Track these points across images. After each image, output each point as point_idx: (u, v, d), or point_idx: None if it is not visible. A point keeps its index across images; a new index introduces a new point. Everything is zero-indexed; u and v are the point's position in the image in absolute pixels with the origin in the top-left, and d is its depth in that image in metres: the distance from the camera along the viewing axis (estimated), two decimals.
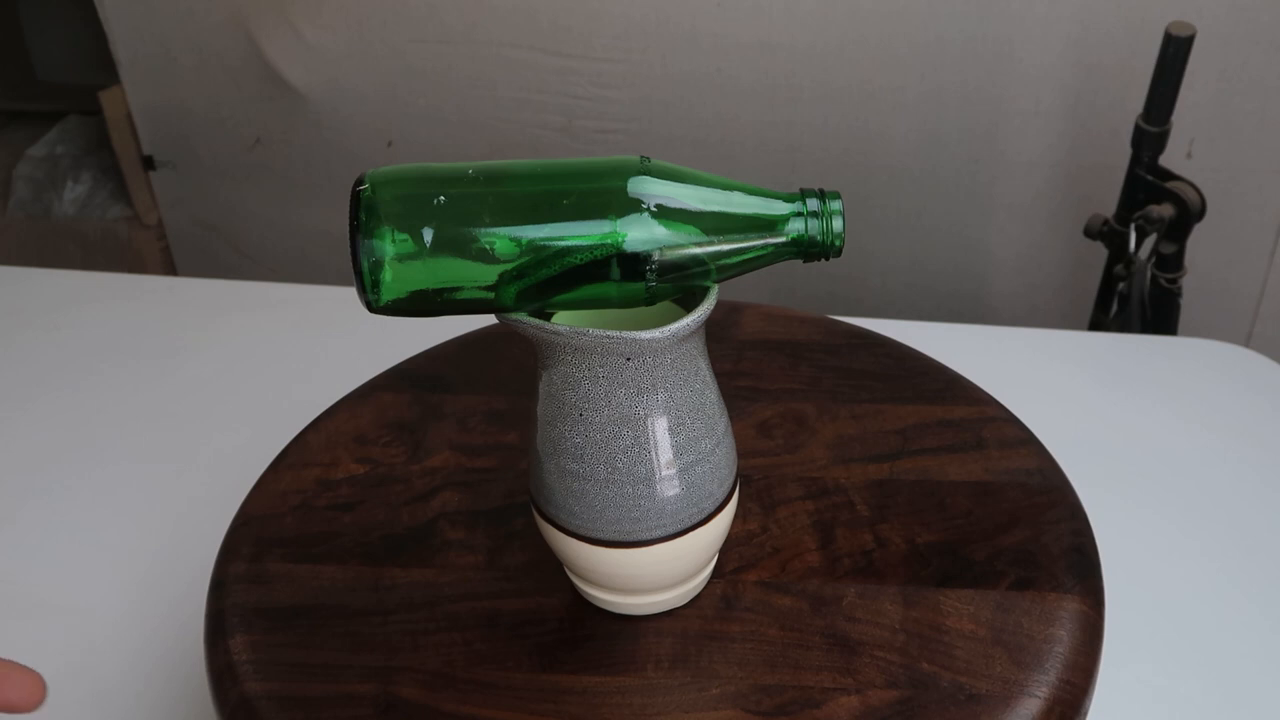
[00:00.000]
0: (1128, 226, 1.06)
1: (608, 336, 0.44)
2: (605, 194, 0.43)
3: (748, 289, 1.29)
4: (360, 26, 1.33)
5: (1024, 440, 0.63)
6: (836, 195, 0.45)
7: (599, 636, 0.53)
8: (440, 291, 0.44)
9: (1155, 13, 1.07)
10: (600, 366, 0.46)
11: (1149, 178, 1.05)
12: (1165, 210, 1.03)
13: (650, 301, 0.45)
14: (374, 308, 0.45)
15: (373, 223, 0.43)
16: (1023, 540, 0.56)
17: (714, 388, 0.49)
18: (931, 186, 1.25)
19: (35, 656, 0.72)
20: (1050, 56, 1.14)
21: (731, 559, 0.56)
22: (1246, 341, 1.25)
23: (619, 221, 0.43)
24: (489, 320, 0.49)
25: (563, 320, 0.49)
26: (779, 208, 0.45)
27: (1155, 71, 1.00)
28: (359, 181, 0.44)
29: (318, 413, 0.67)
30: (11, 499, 0.84)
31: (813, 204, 0.45)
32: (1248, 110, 1.13)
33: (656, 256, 0.43)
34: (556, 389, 0.47)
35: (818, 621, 0.53)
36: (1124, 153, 1.06)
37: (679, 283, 0.45)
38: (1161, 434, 0.86)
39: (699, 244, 0.44)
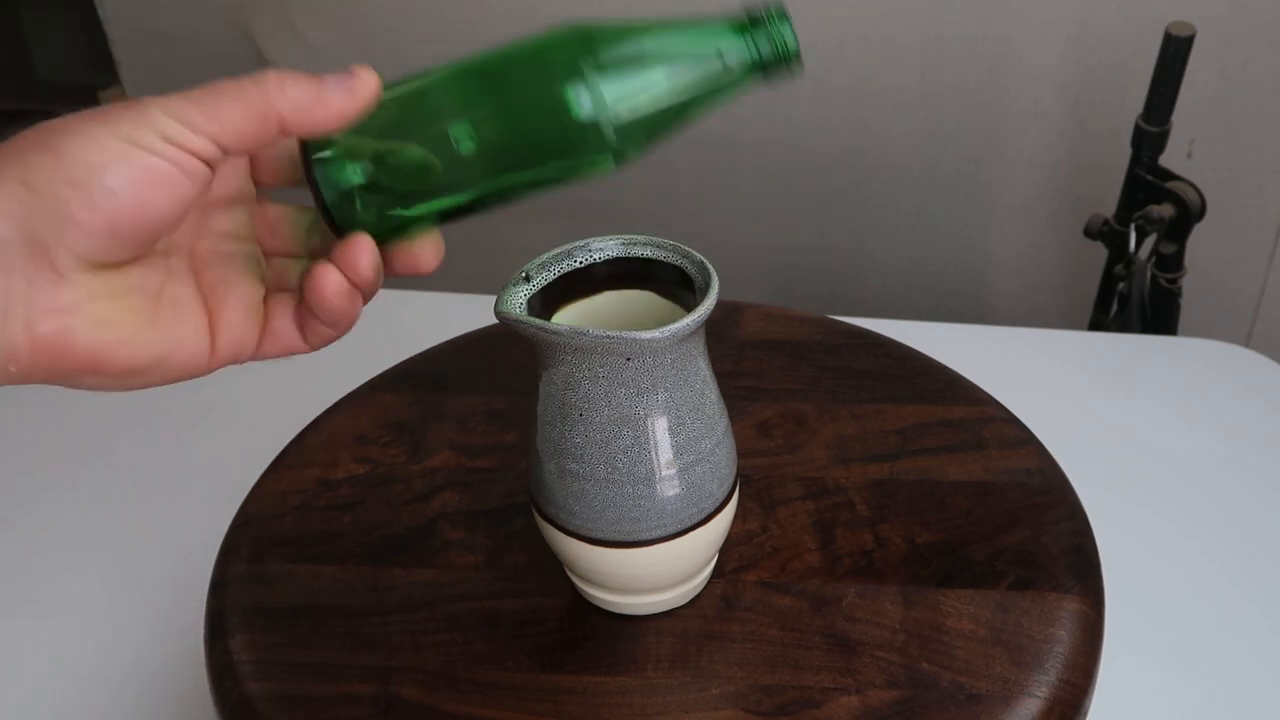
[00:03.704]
0: (1128, 226, 1.06)
1: (608, 336, 0.44)
2: (555, 75, 0.42)
3: (748, 289, 1.29)
4: (360, 27, 1.32)
5: (1024, 440, 0.63)
6: (779, 6, 0.44)
7: (599, 636, 0.53)
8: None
9: (1155, 13, 1.07)
10: (600, 366, 0.46)
11: (1149, 178, 1.05)
12: (1165, 210, 1.03)
13: (619, 162, 0.44)
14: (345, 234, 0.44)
15: (346, 202, 0.42)
16: (1023, 540, 0.56)
17: (714, 388, 0.49)
18: (932, 186, 1.25)
19: (36, 656, 0.72)
20: (1050, 56, 1.14)
21: (731, 559, 0.56)
22: (1246, 341, 1.25)
23: (574, 96, 0.42)
24: (489, 320, 0.49)
25: (563, 320, 0.49)
26: (724, 35, 0.44)
27: (1155, 71, 1.00)
28: (310, 148, 0.43)
29: (318, 413, 0.67)
30: (11, 499, 0.84)
31: (756, 21, 0.44)
32: (1248, 110, 1.13)
33: (616, 119, 0.43)
34: (557, 389, 0.47)
35: (818, 621, 0.53)
36: (1124, 153, 1.06)
37: (648, 139, 0.44)
38: (1161, 434, 0.86)
39: (655, 97, 0.43)
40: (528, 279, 0.48)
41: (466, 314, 0.75)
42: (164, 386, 0.43)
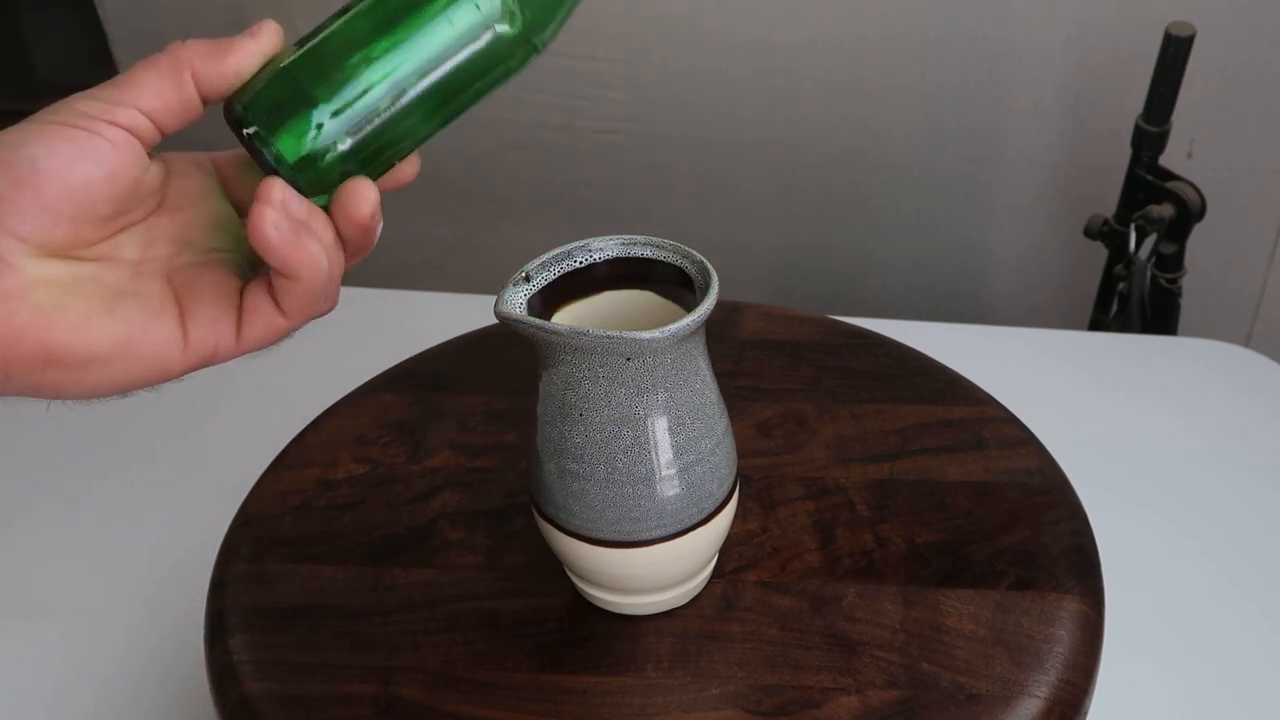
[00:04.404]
0: (1128, 226, 1.06)
1: (608, 336, 0.44)
2: None
3: (748, 289, 1.29)
4: None
5: (1024, 440, 0.63)
6: None
7: (599, 636, 0.53)
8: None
9: (1155, 13, 1.07)
10: (600, 366, 0.46)
11: (1149, 178, 1.05)
12: (1165, 210, 1.03)
13: (519, 31, 0.44)
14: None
15: (279, 150, 0.42)
16: (1023, 540, 0.56)
17: (714, 388, 0.49)
18: (931, 186, 1.25)
19: (36, 657, 0.72)
20: (1050, 56, 1.14)
21: (731, 559, 0.56)
22: (1246, 341, 1.25)
23: None
24: (489, 320, 0.49)
25: (563, 320, 0.49)
26: None
27: (1155, 71, 1.00)
28: (228, 107, 0.43)
29: (318, 413, 0.67)
30: (11, 499, 0.84)
31: None
32: (1248, 110, 1.13)
33: None
34: (557, 389, 0.47)
35: (818, 621, 0.53)
36: (1124, 153, 1.06)
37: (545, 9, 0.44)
38: (1161, 434, 0.86)
39: None
40: (528, 279, 0.48)
41: (466, 314, 0.75)
42: (162, 386, 0.43)
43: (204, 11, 1.39)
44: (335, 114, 0.42)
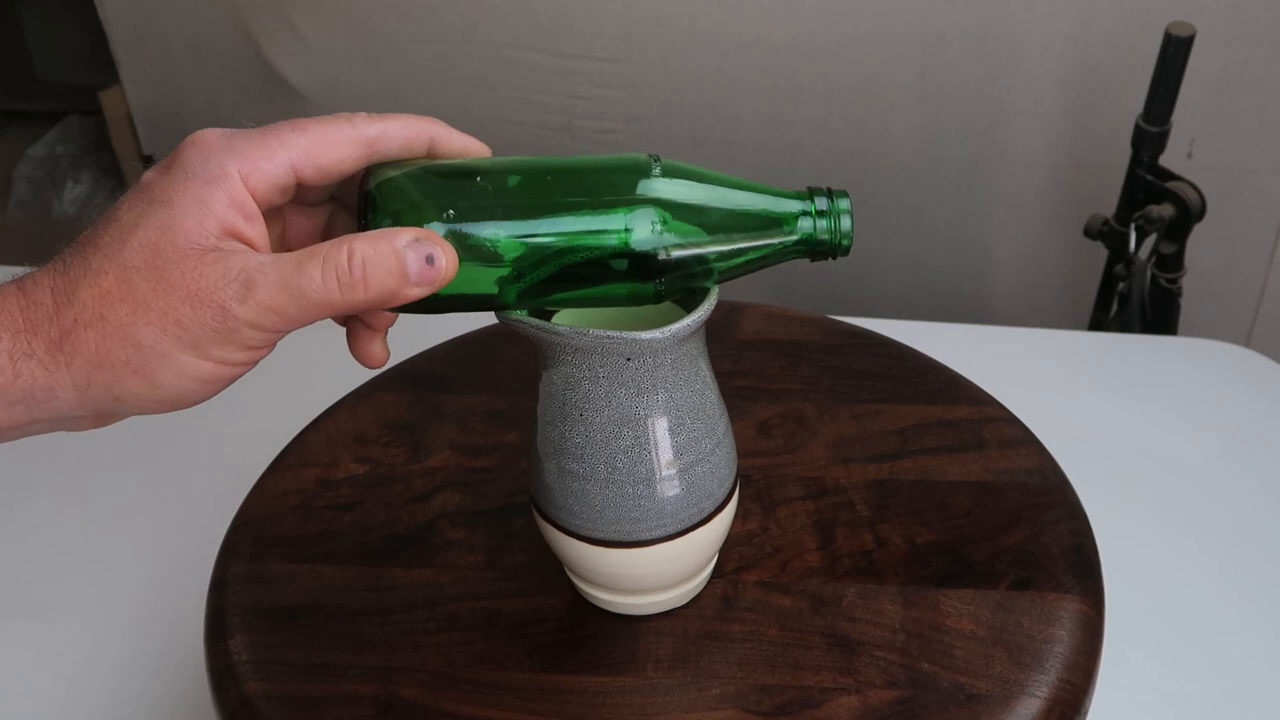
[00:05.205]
0: (1128, 226, 1.06)
1: (608, 337, 0.44)
2: (615, 195, 0.43)
3: (748, 289, 1.28)
4: (360, 26, 1.32)
5: (1024, 440, 0.63)
6: (844, 194, 0.45)
7: (599, 636, 0.53)
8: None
9: (1155, 13, 1.07)
10: (600, 367, 0.46)
11: (1149, 178, 1.05)
12: (1165, 210, 1.03)
13: (658, 299, 0.45)
14: None
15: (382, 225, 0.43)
16: (1023, 540, 0.56)
17: (714, 388, 0.49)
18: (931, 186, 1.25)
19: (36, 656, 0.72)
20: (1050, 56, 1.14)
21: (731, 559, 0.56)
22: (1246, 341, 1.25)
23: (628, 220, 0.43)
24: (489, 320, 0.49)
25: (563, 320, 0.49)
26: (788, 207, 0.45)
27: (1155, 71, 1.00)
28: (364, 179, 0.44)
29: (318, 413, 0.67)
30: (11, 499, 0.84)
31: (821, 203, 0.45)
32: (1248, 110, 1.13)
33: (665, 256, 0.43)
34: (557, 389, 0.47)
35: (818, 621, 0.53)
36: (1124, 153, 1.06)
37: (687, 282, 0.45)
38: (1161, 434, 0.86)
39: (708, 244, 0.44)
40: None
41: (466, 314, 0.75)
42: None
43: (204, 12, 1.39)
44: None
